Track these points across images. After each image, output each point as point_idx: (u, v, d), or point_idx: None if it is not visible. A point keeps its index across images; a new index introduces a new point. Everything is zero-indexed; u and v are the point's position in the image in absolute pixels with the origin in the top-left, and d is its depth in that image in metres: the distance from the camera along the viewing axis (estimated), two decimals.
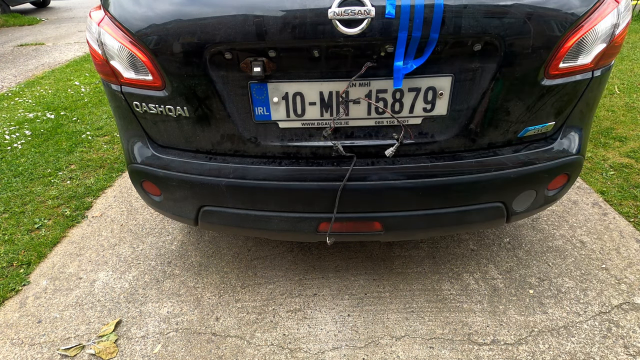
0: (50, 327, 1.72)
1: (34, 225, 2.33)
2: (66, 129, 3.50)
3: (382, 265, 1.97)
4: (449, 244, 2.08)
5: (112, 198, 2.58)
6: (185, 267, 2.00)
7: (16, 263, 2.06)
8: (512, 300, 1.75)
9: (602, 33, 1.19)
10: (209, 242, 2.17)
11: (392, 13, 1.07)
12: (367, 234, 1.50)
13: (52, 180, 2.76)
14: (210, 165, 1.38)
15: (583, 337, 1.57)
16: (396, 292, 1.82)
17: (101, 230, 2.29)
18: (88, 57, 5.85)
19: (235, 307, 1.78)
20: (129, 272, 1.99)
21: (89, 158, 3.04)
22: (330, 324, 1.69)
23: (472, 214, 1.42)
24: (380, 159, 1.34)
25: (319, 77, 1.20)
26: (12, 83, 4.86)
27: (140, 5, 1.20)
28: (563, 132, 1.40)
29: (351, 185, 1.32)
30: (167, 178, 1.42)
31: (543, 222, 2.19)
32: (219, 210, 1.46)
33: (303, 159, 1.36)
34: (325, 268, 1.97)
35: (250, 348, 1.60)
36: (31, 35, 7.46)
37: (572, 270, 1.88)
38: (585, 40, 1.18)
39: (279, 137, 1.33)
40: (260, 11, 1.11)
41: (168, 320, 1.73)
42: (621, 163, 2.66)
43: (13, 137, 3.37)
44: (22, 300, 1.86)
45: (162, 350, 1.61)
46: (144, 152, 1.45)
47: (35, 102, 4.13)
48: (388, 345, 1.59)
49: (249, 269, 1.98)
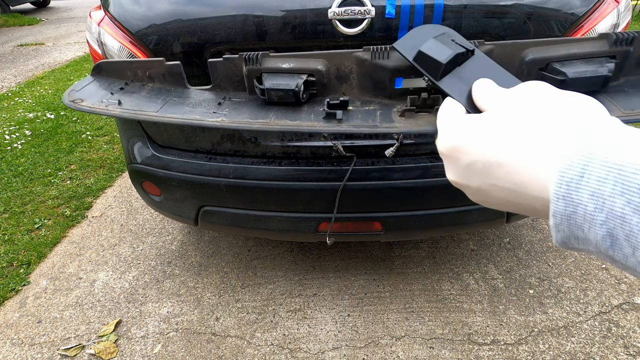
0: (50, 327, 1.72)
1: (34, 225, 2.33)
2: (66, 129, 3.50)
3: (382, 265, 1.97)
4: (449, 244, 2.08)
5: (112, 198, 2.57)
6: (185, 267, 2.00)
7: (16, 263, 2.06)
8: (512, 300, 1.75)
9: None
10: (209, 242, 2.17)
11: (392, 13, 1.07)
12: (367, 234, 1.50)
13: (52, 180, 2.76)
14: (210, 165, 1.38)
15: (583, 337, 1.57)
16: (396, 292, 1.82)
17: (101, 230, 2.29)
18: (88, 57, 5.85)
19: (235, 307, 1.78)
20: (129, 272, 1.99)
21: (89, 158, 3.04)
22: (330, 324, 1.69)
23: (472, 214, 1.42)
24: (380, 159, 1.34)
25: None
26: (12, 83, 4.86)
27: (140, 5, 1.20)
28: None
29: (351, 185, 1.32)
30: (167, 178, 1.42)
31: (543, 222, 2.19)
32: (219, 210, 1.46)
33: (303, 159, 1.36)
34: (325, 268, 1.97)
35: (250, 348, 1.60)
36: (31, 35, 7.46)
37: (572, 270, 1.88)
38: None
39: (279, 137, 1.33)
40: (260, 11, 1.11)
41: (168, 320, 1.73)
42: None
43: (13, 137, 3.37)
44: (22, 300, 1.86)
45: (162, 350, 1.60)
46: (144, 152, 1.45)
47: (35, 102, 4.13)
48: (388, 345, 1.59)
49: (249, 269, 1.98)
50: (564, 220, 0.25)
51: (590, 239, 0.24)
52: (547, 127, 0.27)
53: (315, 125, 0.55)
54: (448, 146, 0.33)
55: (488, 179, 0.30)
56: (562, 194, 0.24)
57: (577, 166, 0.23)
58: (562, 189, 0.24)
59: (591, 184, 0.22)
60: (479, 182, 0.32)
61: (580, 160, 0.23)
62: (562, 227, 0.25)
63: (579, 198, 0.23)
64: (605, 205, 0.22)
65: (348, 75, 0.58)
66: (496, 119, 0.31)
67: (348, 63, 0.57)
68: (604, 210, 0.22)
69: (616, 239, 0.22)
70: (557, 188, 0.24)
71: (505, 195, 0.30)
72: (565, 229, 0.25)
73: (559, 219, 0.25)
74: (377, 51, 0.55)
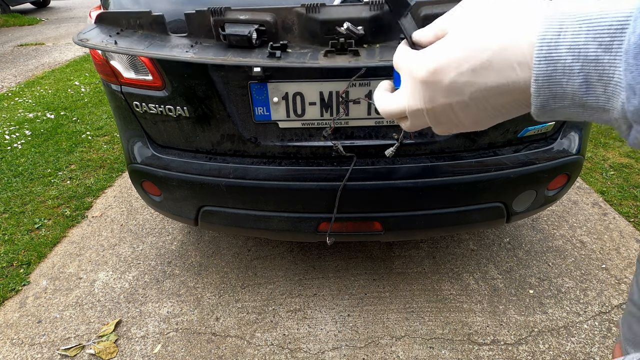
0: (50, 327, 1.72)
1: (34, 225, 2.33)
2: (66, 129, 3.50)
3: (382, 265, 1.97)
4: (449, 244, 2.08)
5: (112, 198, 2.58)
6: (185, 267, 2.00)
7: (16, 263, 2.06)
8: (512, 300, 1.75)
9: None
10: (209, 242, 2.17)
11: None
12: (367, 234, 1.50)
13: (52, 180, 2.76)
14: (210, 165, 1.38)
15: (583, 337, 1.57)
16: (396, 292, 1.82)
17: (101, 230, 2.29)
18: (88, 57, 5.85)
19: (235, 307, 1.78)
20: (129, 272, 1.99)
21: (89, 158, 3.04)
22: (330, 324, 1.69)
23: (472, 214, 1.42)
24: (380, 159, 1.34)
25: (319, 77, 1.20)
26: (12, 83, 4.86)
27: (139, 5, 1.20)
28: (563, 132, 1.40)
29: (351, 185, 1.32)
30: (167, 178, 1.42)
31: (543, 222, 2.19)
32: (219, 210, 1.46)
33: (303, 159, 1.36)
34: (325, 268, 1.97)
35: (250, 348, 1.60)
36: (31, 35, 7.46)
37: (572, 270, 1.88)
38: None
39: (279, 137, 1.33)
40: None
41: (168, 320, 1.73)
42: (621, 163, 2.66)
43: (13, 137, 3.37)
44: (22, 300, 1.86)
45: (162, 350, 1.60)
46: (144, 152, 1.45)
47: (35, 102, 4.13)
48: (388, 345, 1.59)
49: (249, 269, 1.98)
50: (545, 81, 0.28)
51: (568, 91, 0.27)
52: (516, 6, 0.30)
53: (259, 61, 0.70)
54: (430, 70, 0.34)
55: (472, 87, 0.32)
56: (544, 55, 0.27)
57: (554, 27, 0.26)
58: (544, 51, 0.27)
59: (567, 39, 0.26)
60: (461, 97, 0.33)
61: (556, 21, 0.26)
62: (543, 89, 0.28)
63: (559, 54, 0.26)
64: (580, 53, 0.25)
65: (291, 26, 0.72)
66: (465, 28, 0.32)
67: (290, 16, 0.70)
68: (579, 59, 0.25)
69: (590, 83, 0.26)
70: (538, 51, 0.27)
71: (486, 97, 0.32)
72: (546, 90, 0.28)
73: (541, 81, 0.28)
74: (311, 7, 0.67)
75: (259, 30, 0.71)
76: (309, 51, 0.70)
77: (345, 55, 0.65)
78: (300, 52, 0.71)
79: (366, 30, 0.65)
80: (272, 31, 0.72)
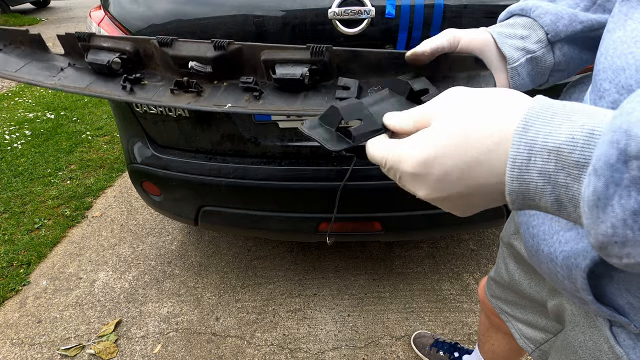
0: (50, 327, 1.72)
1: (34, 225, 2.33)
2: (66, 129, 3.50)
3: (382, 265, 1.97)
4: (449, 244, 2.08)
5: (112, 198, 2.57)
6: (185, 267, 2.00)
7: (16, 263, 2.06)
8: None
9: None
10: (209, 242, 2.17)
11: (392, 13, 1.07)
12: (367, 234, 1.50)
13: (52, 180, 2.76)
14: (210, 165, 1.38)
15: None
16: (396, 292, 1.82)
17: (101, 230, 2.29)
18: None
19: (235, 307, 1.78)
20: (129, 272, 1.99)
21: (89, 158, 3.04)
22: (330, 324, 1.69)
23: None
24: None
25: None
26: (12, 83, 4.86)
27: (139, 4, 1.20)
28: None
29: (351, 185, 1.32)
30: (167, 178, 1.42)
31: None
32: (219, 210, 1.46)
33: (303, 159, 1.36)
34: (325, 268, 1.96)
35: (250, 348, 1.60)
36: None
37: None
38: None
39: (279, 137, 1.33)
40: (260, 11, 1.11)
41: (168, 320, 1.73)
42: None
43: (13, 137, 3.37)
44: (22, 300, 1.86)
45: (162, 350, 1.61)
46: (144, 152, 1.45)
47: (35, 102, 4.13)
48: (388, 345, 1.59)
49: (249, 269, 1.98)
50: (519, 196, 0.30)
51: (541, 205, 0.29)
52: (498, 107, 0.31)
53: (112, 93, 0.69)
54: (420, 162, 0.34)
55: (465, 181, 0.32)
56: (515, 176, 0.29)
57: (523, 152, 0.28)
58: (515, 173, 0.29)
59: (537, 165, 0.28)
60: (455, 190, 0.33)
61: (525, 148, 0.28)
62: (518, 201, 0.30)
63: (530, 177, 0.28)
64: (551, 179, 0.27)
65: (152, 56, 0.70)
66: (448, 125, 0.33)
67: (149, 47, 0.69)
68: (550, 183, 0.27)
69: (562, 203, 0.28)
70: (510, 172, 0.29)
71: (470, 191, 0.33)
72: (520, 201, 0.30)
73: (514, 196, 0.30)
74: (163, 42, 0.66)
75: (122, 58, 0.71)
76: (164, 84, 0.70)
77: (189, 94, 0.66)
78: (153, 85, 0.70)
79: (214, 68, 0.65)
80: (135, 60, 0.71)
